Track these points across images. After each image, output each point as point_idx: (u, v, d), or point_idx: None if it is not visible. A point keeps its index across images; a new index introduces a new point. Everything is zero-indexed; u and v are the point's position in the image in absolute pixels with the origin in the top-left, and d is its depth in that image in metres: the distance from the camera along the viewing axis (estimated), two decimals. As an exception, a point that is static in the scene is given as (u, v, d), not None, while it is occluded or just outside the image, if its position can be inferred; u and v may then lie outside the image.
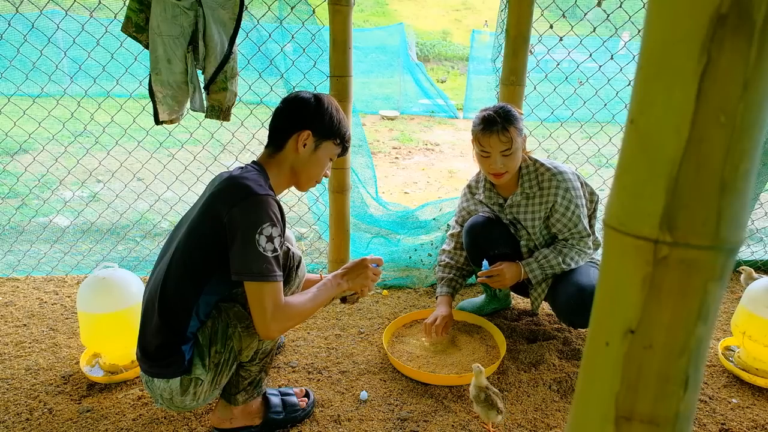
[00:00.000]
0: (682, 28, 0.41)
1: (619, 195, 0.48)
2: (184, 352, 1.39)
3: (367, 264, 1.62)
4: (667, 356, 0.47)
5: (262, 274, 1.30)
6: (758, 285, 1.90)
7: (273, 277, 1.32)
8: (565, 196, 1.90)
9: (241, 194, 1.33)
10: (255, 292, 1.32)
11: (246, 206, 1.31)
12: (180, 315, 1.38)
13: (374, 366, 1.95)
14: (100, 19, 2.49)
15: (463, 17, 29.53)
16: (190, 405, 1.45)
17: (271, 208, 1.34)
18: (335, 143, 1.54)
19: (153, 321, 1.40)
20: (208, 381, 1.42)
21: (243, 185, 1.35)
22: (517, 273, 1.98)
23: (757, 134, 0.42)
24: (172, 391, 1.40)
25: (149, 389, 1.46)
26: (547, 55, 2.62)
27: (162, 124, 2.04)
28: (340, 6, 2.16)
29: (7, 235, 3.04)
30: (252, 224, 1.30)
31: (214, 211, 1.35)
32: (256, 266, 1.30)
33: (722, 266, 0.45)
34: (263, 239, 1.30)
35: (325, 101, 1.52)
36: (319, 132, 1.50)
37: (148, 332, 1.42)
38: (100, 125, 2.92)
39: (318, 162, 1.53)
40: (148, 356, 1.41)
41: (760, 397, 1.82)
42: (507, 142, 1.83)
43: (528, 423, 1.66)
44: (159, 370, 1.40)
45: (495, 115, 1.84)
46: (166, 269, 1.41)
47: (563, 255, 1.94)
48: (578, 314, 1.87)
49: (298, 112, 1.50)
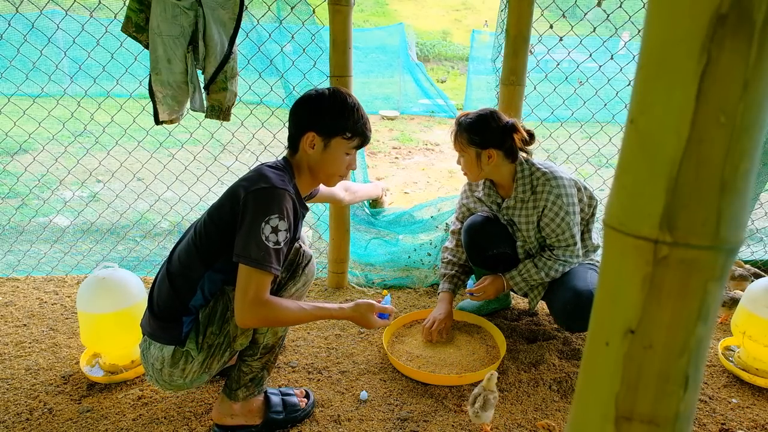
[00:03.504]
0: (682, 28, 0.41)
1: (619, 195, 0.48)
2: (183, 323, 1.44)
3: (374, 311, 1.60)
4: (667, 356, 0.47)
5: (257, 261, 1.32)
6: (758, 285, 1.90)
7: (266, 267, 1.33)
8: (556, 202, 1.89)
9: (261, 183, 1.39)
10: (244, 275, 1.35)
11: (261, 194, 1.37)
12: (186, 285, 1.45)
13: (374, 366, 1.95)
14: (100, 19, 2.49)
15: (463, 17, 29.54)
16: (177, 382, 1.47)
17: (285, 203, 1.38)
18: (344, 137, 1.52)
19: (163, 283, 1.49)
20: (199, 361, 1.45)
21: (265, 176, 1.41)
22: (501, 286, 2.05)
23: (757, 134, 0.42)
24: (164, 359, 1.44)
25: (144, 359, 1.51)
26: (547, 55, 2.62)
27: (162, 124, 2.04)
28: (340, 6, 2.16)
29: (7, 235, 3.04)
30: (262, 212, 1.34)
31: (235, 194, 1.41)
32: (255, 252, 1.32)
33: (722, 266, 0.45)
34: (268, 228, 1.34)
35: (325, 98, 1.51)
36: (323, 131, 1.50)
37: (157, 293, 1.50)
38: (100, 125, 2.92)
39: (332, 159, 1.53)
40: (153, 315, 1.48)
41: (760, 397, 1.82)
42: (458, 148, 1.94)
43: (528, 423, 1.66)
44: (157, 333, 1.46)
45: (460, 119, 1.94)
46: (185, 240, 1.51)
47: (547, 268, 1.96)
48: (574, 318, 1.88)
49: (299, 114, 1.52)
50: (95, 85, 2.70)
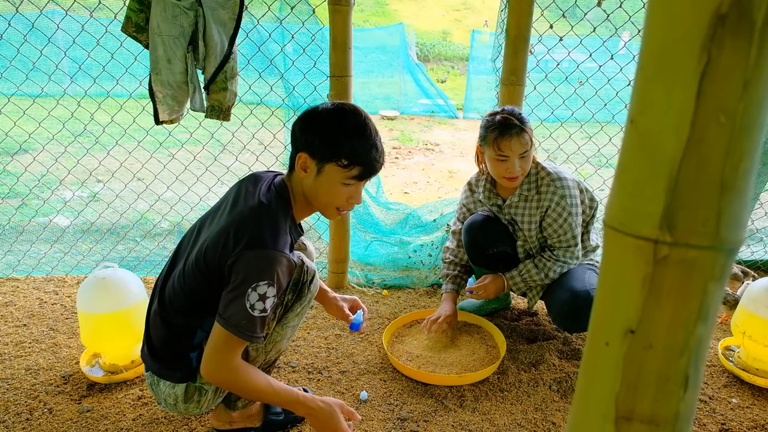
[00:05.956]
0: (682, 28, 0.41)
1: (619, 195, 0.48)
2: (192, 359, 1.39)
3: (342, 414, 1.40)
4: (667, 356, 0.47)
5: (237, 327, 1.23)
6: (758, 285, 1.90)
7: (245, 335, 1.24)
8: (560, 203, 1.90)
9: (253, 242, 1.25)
10: (220, 335, 1.25)
11: (252, 257, 1.24)
12: (184, 328, 1.38)
13: (374, 366, 1.95)
14: (100, 19, 2.49)
15: (463, 17, 29.55)
16: (193, 411, 1.44)
17: (278, 266, 1.25)
18: (339, 164, 1.29)
19: (159, 327, 1.39)
20: (212, 390, 1.42)
21: (259, 235, 1.26)
22: (501, 285, 2.04)
23: (757, 134, 0.42)
24: (177, 397, 1.40)
25: (153, 391, 1.45)
26: (547, 55, 2.62)
27: (162, 124, 2.04)
28: (340, 6, 2.16)
29: (7, 235, 3.04)
30: (250, 278, 1.22)
31: (226, 245, 1.26)
32: (236, 318, 1.23)
33: (722, 266, 0.45)
34: (254, 296, 1.23)
35: (323, 115, 1.32)
36: (316, 153, 1.31)
37: (155, 334, 1.41)
38: (100, 125, 2.92)
39: (325, 188, 1.33)
40: (157, 357, 1.41)
41: (760, 397, 1.82)
42: (525, 144, 1.84)
43: (528, 423, 1.66)
44: (167, 372, 1.39)
45: (511, 117, 1.84)
46: (171, 281, 1.38)
47: (546, 269, 1.96)
48: (572, 319, 1.88)
49: (294, 130, 1.35)
50: (95, 85, 2.70)
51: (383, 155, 1.36)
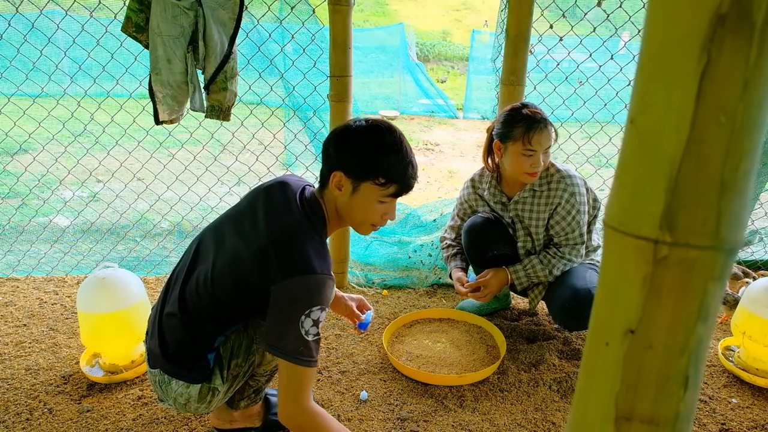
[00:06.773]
0: (682, 28, 0.41)
1: (619, 195, 0.48)
2: (209, 360, 1.37)
3: None
4: (667, 356, 0.47)
5: (295, 355, 1.21)
6: (758, 285, 1.90)
7: (306, 362, 1.23)
8: (569, 200, 1.91)
9: (300, 267, 1.22)
10: (286, 369, 1.24)
11: (301, 283, 1.22)
12: (207, 334, 1.36)
13: (374, 366, 1.95)
14: (100, 19, 2.49)
15: (463, 17, 29.55)
16: (200, 411, 1.42)
17: (326, 291, 1.24)
18: (376, 183, 1.29)
19: (177, 330, 1.35)
20: (223, 391, 1.41)
21: (307, 259, 1.23)
22: (504, 280, 2.02)
23: (757, 134, 0.42)
24: (190, 397, 1.37)
25: (161, 389, 1.39)
26: (547, 55, 2.62)
27: (162, 124, 2.04)
28: (340, 6, 2.16)
29: (7, 235, 3.04)
30: (303, 305, 1.21)
31: (269, 266, 1.23)
32: (292, 346, 1.21)
33: (722, 266, 0.45)
34: (309, 322, 1.21)
35: (357, 132, 1.31)
36: (352, 172, 1.30)
37: (170, 336, 1.36)
38: (100, 125, 2.92)
39: (361, 206, 1.33)
40: (170, 357, 1.36)
41: (760, 397, 1.82)
42: (551, 138, 1.85)
43: (528, 423, 1.66)
44: (182, 373, 1.35)
45: (538, 112, 1.84)
46: (194, 286, 1.34)
47: (551, 266, 1.96)
48: (572, 318, 1.88)
49: (327, 149, 1.34)
50: (95, 85, 2.71)
51: (417, 171, 1.36)
